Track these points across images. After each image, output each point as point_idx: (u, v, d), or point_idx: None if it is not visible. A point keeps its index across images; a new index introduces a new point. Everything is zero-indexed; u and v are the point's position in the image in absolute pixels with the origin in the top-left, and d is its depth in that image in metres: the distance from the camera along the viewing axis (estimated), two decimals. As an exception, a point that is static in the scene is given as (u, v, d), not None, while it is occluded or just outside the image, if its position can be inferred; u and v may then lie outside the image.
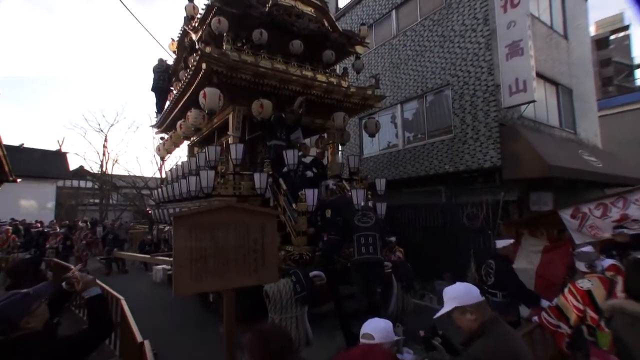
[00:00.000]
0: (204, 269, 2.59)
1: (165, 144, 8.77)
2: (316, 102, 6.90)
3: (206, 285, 2.65)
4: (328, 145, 7.91)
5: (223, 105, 6.52)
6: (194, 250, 2.58)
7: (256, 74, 6.09)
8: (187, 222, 2.57)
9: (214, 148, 5.85)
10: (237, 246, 2.74)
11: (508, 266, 3.99)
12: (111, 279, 9.59)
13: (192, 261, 2.56)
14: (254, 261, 2.81)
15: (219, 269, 2.65)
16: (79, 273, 2.15)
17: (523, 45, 8.15)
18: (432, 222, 8.84)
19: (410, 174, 9.96)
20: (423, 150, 9.78)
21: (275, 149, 6.45)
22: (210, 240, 2.62)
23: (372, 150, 11.74)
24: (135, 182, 20.71)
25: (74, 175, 23.94)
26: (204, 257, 2.61)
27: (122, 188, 21.89)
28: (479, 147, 8.42)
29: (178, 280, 2.51)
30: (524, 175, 7.76)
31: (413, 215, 9.25)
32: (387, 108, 11.11)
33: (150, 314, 6.52)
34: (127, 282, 9.61)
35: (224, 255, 2.68)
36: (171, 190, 7.16)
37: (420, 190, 10.12)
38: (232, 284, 2.72)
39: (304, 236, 5.19)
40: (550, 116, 9.92)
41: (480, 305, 1.89)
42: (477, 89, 8.64)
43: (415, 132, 10.41)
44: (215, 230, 2.66)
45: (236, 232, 2.75)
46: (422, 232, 8.88)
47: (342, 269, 5.10)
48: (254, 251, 2.82)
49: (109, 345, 4.71)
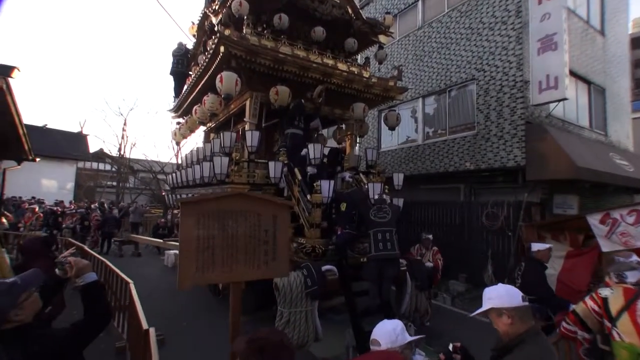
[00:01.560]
0: (210, 260, 2.44)
1: (181, 128, 8.69)
2: (336, 92, 6.68)
3: (212, 278, 2.50)
4: (346, 137, 7.68)
5: (240, 91, 6.35)
6: (201, 239, 2.43)
7: (276, 59, 5.89)
8: (194, 209, 2.42)
9: (229, 134, 5.70)
10: (247, 237, 2.58)
11: (538, 270, 3.85)
12: (124, 262, 9.69)
13: (199, 251, 2.42)
14: (264, 253, 2.66)
15: (227, 260, 2.50)
16: (72, 257, 1.98)
17: (557, 40, 7.69)
18: (449, 221, 8.56)
19: (429, 170, 9.69)
20: (443, 146, 9.47)
21: (292, 138, 6.27)
22: (218, 229, 2.47)
23: (390, 144, 11.50)
24: (152, 167, 20.95)
25: (94, 157, 24.37)
26: (212, 247, 2.46)
27: (139, 172, 22.18)
28: (503, 145, 8.06)
29: (182, 272, 2.36)
30: (549, 176, 7.38)
31: (430, 213, 9.00)
32: (408, 101, 10.80)
33: (160, 299, 6.52)
34: (140, 265, 9.67)
35: (232, 245, 2.53)
36: (185, 176, 7.09)
37: (438, 187, 9.85)
38: (240, 277, 2.58)
39: (318, 229, 5.03)
40: (580, 116, 9.41)
41: (521, 311, 1.78)
42: (504, 85, 8.23)
43: (435, 127, 10.10)
44: (224, 218, 2.50)
45: (247, 222, 2.59)
46: (438, 230, 8.60)
47: (355, 264, 4.95)
48: (265, 243, 2.66)
49: (117, 328, 4.68)
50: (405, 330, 1.88)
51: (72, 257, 2.02)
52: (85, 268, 1.94)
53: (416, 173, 9.99)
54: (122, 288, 4.60)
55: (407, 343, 1.85)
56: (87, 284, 1.91)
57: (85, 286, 1.91)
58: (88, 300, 1.88)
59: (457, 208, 8.49)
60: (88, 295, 1.89)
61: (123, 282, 4.56)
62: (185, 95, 8.04)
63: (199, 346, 4.64)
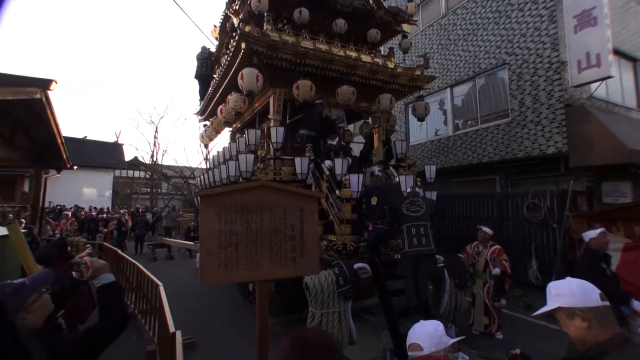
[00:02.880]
0: (234, 257, 2.27)
1: (207, 130, 8.73)
2: (360, 84, 6.43)
3: (237, 275, 2.32)
4: (373, 130, 7.42)
5: (264, 89, 6.29)
6: (223, 234, 2.27)
7: (297, 53, 5.73)
8: (215, 202, 2.25)
9: (254, 131, 5.66)
10: (272, 232, 2.39)
11: (593, 260, 3.48)
12: (156, 265, 9.85)
13: (221, 247, 2.26)
14: (292, 249, 2.47)
15: (252, 257, 2.32)
16: (88, 258, 1.83)
17: (597, 14, 7.04)
18: (485, 214, 8.06)
19: (461, 162, 9.36)
20: (475, 136, 9.07)
21: (304, 140, 6.11)
22: (241, 223, 2.30)
23: (419, 137, 11.23)
24: (183, 172, 21.42)
25: (129, 165, 25.27)
26: (235, 243, 2.29)
27: (171, 177, 22.74)
28: (541, 131, 7.52)
29: (205, 268, 2.21)
30: (595, 162, 6.76)
31: (464, 206, 8.54)
32: (435, 93, 10.47)
33: (191, 301, 6.48)
34: (172, 268, 9.80)
35: (257, 241, 2.35)
36: (213, 177, 7.08)
37: (471, 179, 9.49)
38: (266, 275, 2.39)
39: (348, 225, 4.82)
40: (627, 96, 8.63)
41: (600, 313, 1.42)
42: (539, 67, 7.66)
43: (466, 118, 9.73)
44: (247, 212, 2.32)
45: (271, 216, 2.40)
46: (473, 224, 8.09)
47: (388, 261, 4.75)
48: (292, 238, 2.46)
49: (149, 332, 4.59)
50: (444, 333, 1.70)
51: (88, 258, 1.89)
52: (102, 269, 1.80)
53: (448, 166, 9.67)
54: (153, 291, 4.55)
55: (450, 346, 1.68)
56: (103, 285, 1.76)
57: (101, 287, 1.76)
58: (104, 302, 1.74)
59: (493, 200, 7.99)
60: (104, 297, 1.74)
61: (153, 285, 4.50)
62: (209, 97, 8.06)
63: (230, 352, 4.46)
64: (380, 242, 4.83)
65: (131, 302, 5.54)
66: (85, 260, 1.81)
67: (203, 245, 2.24)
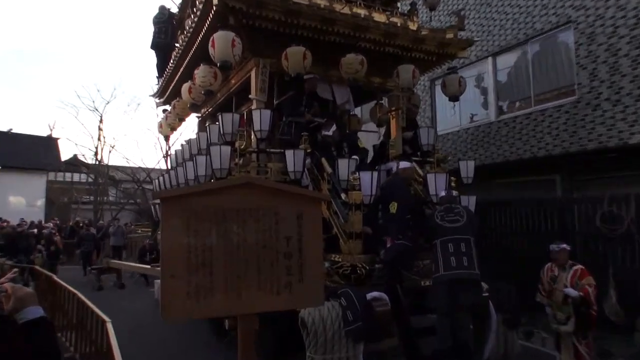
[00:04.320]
0: (207, 282, 2.24)
1: (168, 118, 8.76)
2: (372, 52, 6.44)
3: (212, 307, 2.30)
4: (390, 115, 7.44)
5: (243, 60, 6.29)
6: (192, 251, 2.24)
7: (287, 11, 5.71)
8: (182, 207, 2.22)
9: (230, 117, 5.67)
10: (260, 247, 2.38)
11: None
12: (103, 296, 9.85)
13: (190, 269, 2.23)
14: (287, 272, 2.44)
15: (232, 282, 2.31)
16: (9, 284, 1.80)
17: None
18: (541, 226, 8.02)
19: (507, 157, 9.47)
20: (527, 122, 9.16)
21: (291, 129, 6.16)
22: (218, 235, 2.28)
23: (449, 124, 11.31)
24: (136, 174, 21.49)
25: (67, 166, 25.45)
26: (209, 263, 2.27)
27: (121, 182, 22.78)
28: (621, 113, 7.59)
29: (168, 298, 2.18)
30: None
31: (512, 216, 8.50)
32: (472, 64, 10.58)
33: (148, 342, 6.49)
34: (123, 299, 9.85)
35: (239, 260, 2.34)
36: (175, 178, 7.10)
37: (521, 180, 9.56)
38: (252, 307, 2.37)
39: (358, 240, 4.81)
40: None
41: None
42: (620, 25, 7.71)
43: (514, 97, 9.85)
44: (226, 220, 2.30)
45: (259, 226, 2.37)
46: (525, 241, 8.11)
47: (414, 289, 4.85)
48: (287, 256, 2.43)
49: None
50: None
51: (9, 284, 1.86)
52: (27, 299, 1.76)
53: (489, 162, 9.75)
54: (98, 329, 4.59)
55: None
56: (29, 322, 1.72)
57: (26, 324, 1.71)
58: (30, 343, 1.68)
59: (553, 208, 7.96)
60: (30, 336, 1.70)
61: (99, 321, 4.54)
62: (170, 73, 8.07)
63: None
64: (402, 263, 4.87)
65: (70, 343, 5.55)
66: (5, 287, 1.77)
67: (165, 267, 2.23)
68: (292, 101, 6.39)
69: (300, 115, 6.26)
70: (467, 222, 4.40)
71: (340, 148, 6.19)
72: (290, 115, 6.32)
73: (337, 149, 6.15)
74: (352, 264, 4.71)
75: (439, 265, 4.29)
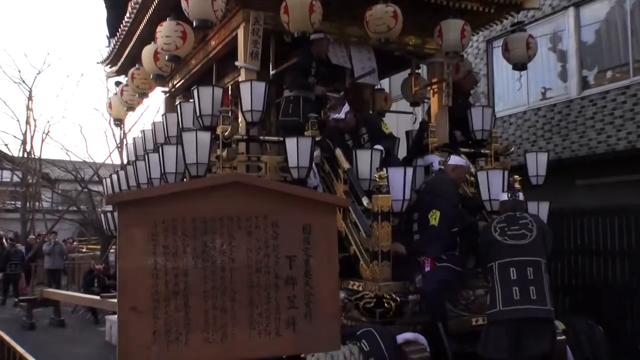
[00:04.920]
0: (181, 318, 2.29)
1: (124, 93, 8.74)
2: (406, 1, 6.42)
3: (188, 354, 2.34)
4: (429, 90, 7.51)
5: (228, 12, 6.34)
6: (160, 275, 2.29)
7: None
8: (145, 215, 2.27)
9: (210, 92, 5.69)
10: (252, 270, 2.43)
11: None
12: (36, 337, 9.82)
13: (159, 299, 2.28)
14: (289, 304, 2.49)
15: (215, 318, 2.35)
16: None
17: None
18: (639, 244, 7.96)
19: (594, 149, 9.46)
20: (623, 98, 9.13)
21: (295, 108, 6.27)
22: (195, 254, 2.34)
23: (512, 103, 11.34)
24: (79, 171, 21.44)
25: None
26: (182, 291, 2.32)
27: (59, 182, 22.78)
28: None
29: (126, 339, 2.23)
30: None
31: (598, 229, 8.43)
32: (545, 18, 10.54)
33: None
34: (63, 342, 9.80)
35: (224, 288, 2.39)
36: (132, 177, 7.12)
37: (613, 180, 9.56)
38: (242, 353, 2.42)
39: (386, 262, 4.85)
40: None
41: None
42: None
43: (604, 65, 9.86)
44: (206, 233, 2.36)
45: (251, 240, 2.43)
46: (617, 262, 8.04)
47: (461, 330, 4.92)
48: (289, 283, 2.49)
49: None
50: None
51: None
52: None
53: (567, 155, 9.78)
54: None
55: None
56: None
57: None
58: None
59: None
60: None
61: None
62: (127, 31, 8.05)
63: None
64: (446, 294, 4.91)
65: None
66: None
67: (123, 297, 2.27)
68: (295, 70, 6.40)
69: (308, 90, 6.28)
70: (538, 237, 4.37)
71: (357, 135, 6.20)
72: (294, 89, 6.34)
73: (354, 136, 6.17)
74: (377, 295, 4.72)
75: (496, 297, 4.26)
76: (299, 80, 6.35)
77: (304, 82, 6.34)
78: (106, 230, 10.28)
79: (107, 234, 12.73)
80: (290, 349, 2.58)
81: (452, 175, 5.59)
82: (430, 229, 5.00)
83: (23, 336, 8.48)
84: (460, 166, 5.76)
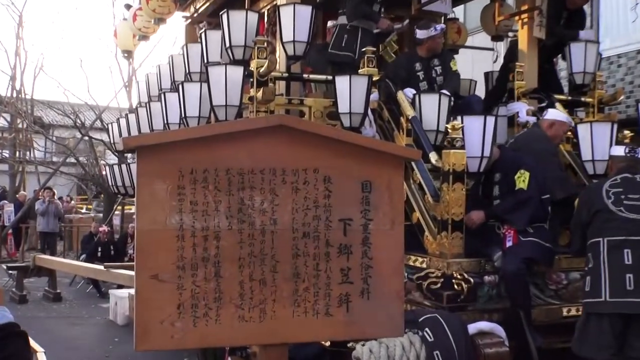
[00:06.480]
0: (210, 290, 2.32)
1: (136, 19, 8.80)
2: None
3: (219, 332, 2.38)
4: (517, 21, 7.38)
5: None
6: (187, 238, 2.31)
7: None
8: (169, 164, 2.28)
9: (243, 16, 5.72)
10: (298, 235, 2.44)
11: None
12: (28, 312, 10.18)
13: (184, 267, 2.30)
14: (342, 279, 2.50)
15: (252, 292, 2.38)
16: None
17: None
18: None
19: None
20: None
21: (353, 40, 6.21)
22: (229, 213, 2.35)
23: (623, 38, 11.14)
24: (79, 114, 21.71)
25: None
26: (214, 258, 2.34)
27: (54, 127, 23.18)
28: None
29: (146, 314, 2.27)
30: None
31: None
32: None
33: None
34: (60, 319, 10.13)
35: (264, 256, 2.40)
36: (146, 121, 7.26)
37: None
38: (283, 335, 2.46)
39: (458, 233, 4.84)
40: None
41: None
42: None
43: None
44: (243, 187, 2.37)
45: (298, 198, 2.44)
46: None
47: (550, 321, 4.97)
48: (343, 251, 2.49)
49: None
50: None
51: None
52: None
53: None
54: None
55: None
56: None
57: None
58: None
59: None
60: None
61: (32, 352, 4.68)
62: None
63: None
64: (533, 275, 4.95)
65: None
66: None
67: (142, 263, 2.30)
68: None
69: (374, 20, 6.25)
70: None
71: (429, 67, 6.18)
72: (356, 18, 6.31)
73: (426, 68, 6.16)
74: (444, 274, 4.75)
75: (601, 284, 4.17)
76: (363, 8, 6.28)
77: (369, 11, 6.29)
78: (111, 187, 10.47)
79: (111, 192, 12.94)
80: (342, 332, 2.59)
81: (549, 133, 5.54)
82: (517, 193, 4.97)
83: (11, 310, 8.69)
84: (559, 121, 5.70)
